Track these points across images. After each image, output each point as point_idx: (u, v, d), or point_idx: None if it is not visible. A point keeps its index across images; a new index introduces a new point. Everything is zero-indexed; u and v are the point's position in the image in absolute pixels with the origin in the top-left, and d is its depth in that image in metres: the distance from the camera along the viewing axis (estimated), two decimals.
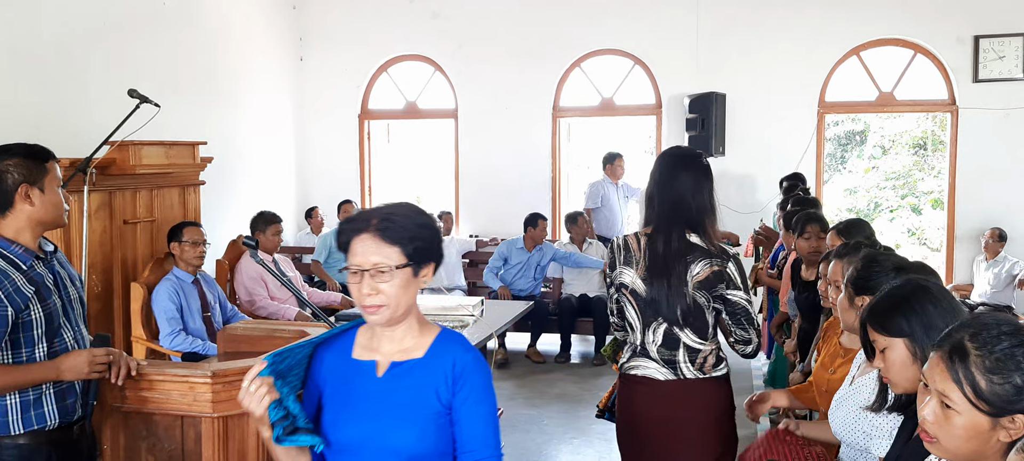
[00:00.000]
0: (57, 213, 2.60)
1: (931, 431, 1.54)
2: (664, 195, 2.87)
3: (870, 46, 8.46)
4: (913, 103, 8.83)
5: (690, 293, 2.80)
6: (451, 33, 9.22)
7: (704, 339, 2.85)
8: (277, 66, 9.32)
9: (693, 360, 2.85)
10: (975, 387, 1.46)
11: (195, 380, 2.80)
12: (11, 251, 2.51)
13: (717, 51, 8.60)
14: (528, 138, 9.13)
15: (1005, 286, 7.58)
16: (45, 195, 2.54)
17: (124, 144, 4.78)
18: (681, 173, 2.88)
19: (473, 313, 5.15)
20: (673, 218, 2.84)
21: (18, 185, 2.50)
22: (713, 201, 2.89)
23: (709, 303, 2.83)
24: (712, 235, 2.85)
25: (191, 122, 7.00)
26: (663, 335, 2.86)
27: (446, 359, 1.93)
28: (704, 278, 2.80)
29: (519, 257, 7.65)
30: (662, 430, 2.88)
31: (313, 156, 9.67)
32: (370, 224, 1.86)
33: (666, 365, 2.86)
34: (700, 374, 2.85)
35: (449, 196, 9.67)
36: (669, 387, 2.85)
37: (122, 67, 6.64)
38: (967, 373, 1.47)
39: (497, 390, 6.25)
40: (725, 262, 2.82)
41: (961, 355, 1.49)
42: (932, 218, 12.42)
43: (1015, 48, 7.99)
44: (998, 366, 1.45)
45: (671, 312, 2.82)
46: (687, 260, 2.81)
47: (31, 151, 2.56)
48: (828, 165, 10.59)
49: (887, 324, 1.97)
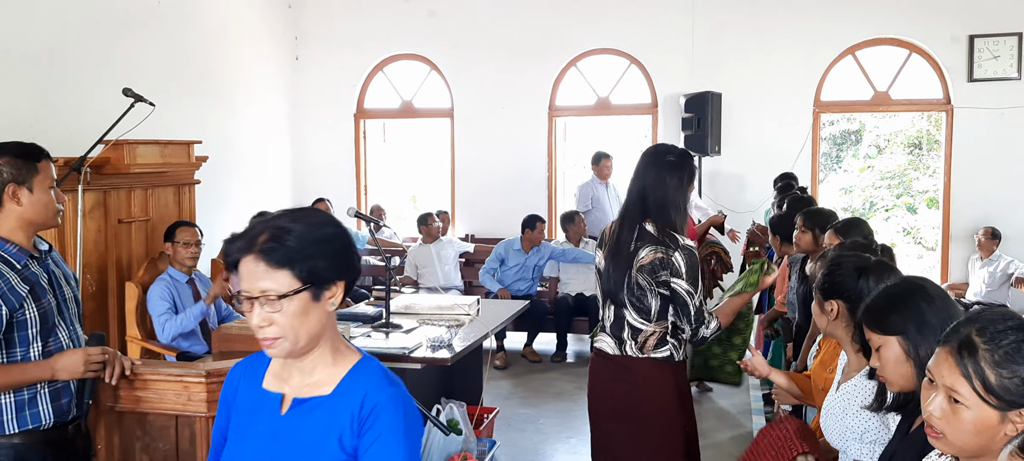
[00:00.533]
0: (47, 214, 2.57)
1: (938, 427, 1.54)
2: (632, 187, 3.14)
3: (865, 46, 8.47)
4: (908, 102, 8.84)
5: (634, 276, 3.02)
6: (447, 32, 9.21)
7: (647, 320, 3.06)
8: (272, 65, 9.30)
9: (635, 338, 3.07)
10: (985, 381, 1.47)
11: (190, 380, 2.79)
12: (5, 250, 2.50)
13: (713, 51, 8.60)
14: (524, 137, 9.12)
15: (1000, 285, 7.60)
16: (34, 195, 2.52)
17: (119, 143, 4.77)
18: (649, 168, 3.12)
19: (469, 312, 5.14)
20: (633, 209, 3.10)
21: (5, 185, 2.49)
22: (678, 195, 3.07)
23: (651, 287, 3.02)
24: (673, 226, 3.03)
25: (186, 121, 6.99)
26: (613, 313, 3.13)
27: (355, 397, 1.64)
28: (647, 262, 3.00)
29: (516, 259, 7.64)
30: (609, 400, 3.16)
31: (308, 155, 9.65)
32: (255, 244, 1.59)
33: (615, 341, 3.12)
34: (640, 353, 3.07)
35: (445, 195, 9.66)
36: (616, 361, 3.12)
37: (117, 66, 6.62)
38: (977, 367, 1.48)
39: (494, 389, 6.20)
40: (670, 251, 2.99)
41: (970, 350, 1.49)
42: (927, 217, 12.44)
43: (1010, 47, 8.00)
44: (1007, 359, 1.46)
45: (617, 292, 3.07)
46: (636, 246, 3.03)
47: (23, 150, 2.54)
48: (823, 165, 10.61)
49: (882, 322, 1.98)
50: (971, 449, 1.53)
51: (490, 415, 5.24)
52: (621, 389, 3.11)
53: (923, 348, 1.90)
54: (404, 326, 4.72)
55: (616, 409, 3.14)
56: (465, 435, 4.64)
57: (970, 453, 1.54)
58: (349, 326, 4.69)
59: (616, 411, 3.14)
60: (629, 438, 3.12)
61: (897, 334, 1.95)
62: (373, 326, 4.73)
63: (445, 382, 5.10)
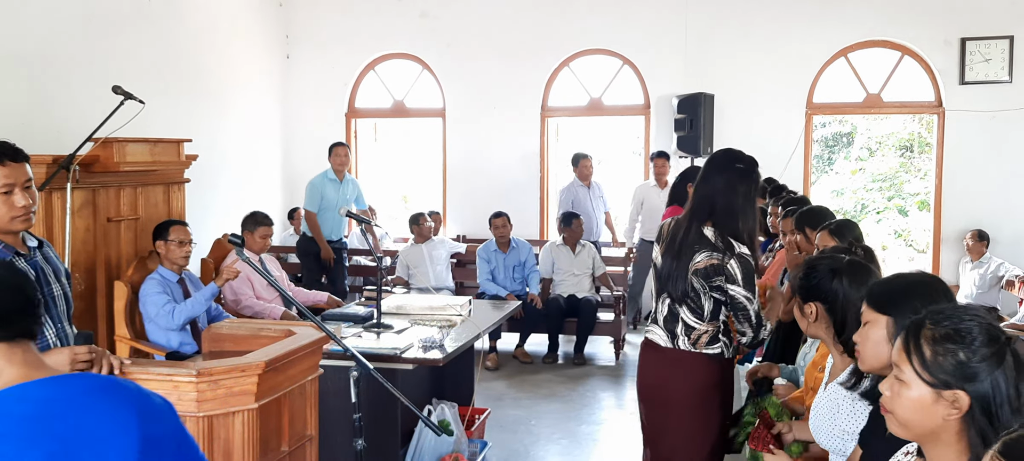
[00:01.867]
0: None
1: (887, 404, 1.61)
2: (698, 190, 3.25)
3: (857, 48, 8.49)
4: (900, 105, 8.86)
5: (689, 278, 3.14)
6: (439, 32, 9.19)
7: (700, 319, 3.18)
8: (263, 64, 9.26)
9: (689, 335, 3.20)
10: (922, 359, 1.53)
11: (180, 379, 2.76)
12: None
13: (705, 52, 8.60)
14: (516, 138, 9.10)
15: (990, 287, 7.62)
16: None
17: (108, 141, 4.73)
18: (718, 174, 3.24)
19: (461, 313, 5.12)
20: (697, 211, 3.20)
21: None
22: (747, 203, 3.18)
23: (706, 290, 3.13)
24: (736, 233, 3.13)
25: (176, 120, 6.94)
26: (667, 308, 3.25)
27: None
28: (702, 267, 3.11)
29: (496, 260, 7.60)
30: (658, 390, 3.31)
31: (299, 155, 9.60)
32: None
33: (668, 334, 3.24)
34: (693, 348, 3.19)
35: (436, 195, 9.63)
36: (667, 353, 3.25)
37: (106, 64, 6.58)
38: (916, 345, 1.54)
39: (485, 390, 6.20)
40: (726, 258, 3.10)
41: (916, 330, 1.56)
42: (918, 220, 12.48)
43: (1001, 50, 8.02)
44: (944, 338, 1.52)
45: (674, 290, 3.19)
46: (694, 249, 3.14)
47: None
48: (815, 167, 10.62)
49: (879, 301, 2.02)
50: (914, 428, 1.58)
51: (481, 416, 5.22)
52: (670, 378, 3.25)
53: None
54: (395, 326, 4.69)
55: (664, 398, 3.29)
56: (456, 436, 4.62)
57: (917, 434, 1.59)
58: (340, 326, 4.67)
59: (663, 399, 3.29)
60: (673, 425, 3.27)
61: (888, 316, 1.98)
62: (364, 326, 4.71)
63: (436, 383, 5.07)
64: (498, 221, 7.63)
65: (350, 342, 4.16)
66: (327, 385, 3.51)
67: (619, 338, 7.48)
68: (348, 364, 2.93)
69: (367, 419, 3.14)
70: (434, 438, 4.47)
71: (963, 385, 1.52)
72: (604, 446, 5.42)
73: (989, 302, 7.56)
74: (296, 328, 3.35)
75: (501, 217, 7.64)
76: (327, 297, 5.90)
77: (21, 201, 2.53)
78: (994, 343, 1.52)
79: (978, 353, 1.52)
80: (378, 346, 4.24)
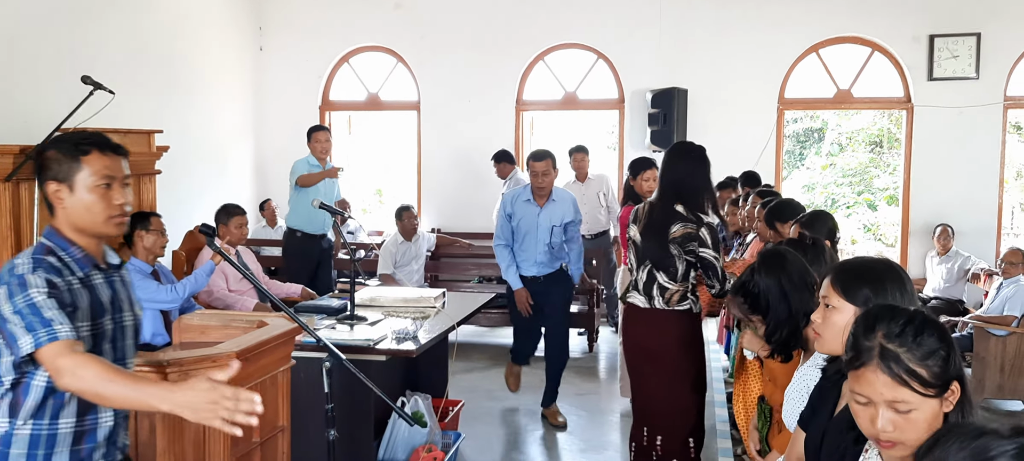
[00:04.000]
0: (90, 219, 2.18)
1: (892, 439, 1.61)
2: (665, 177, 3.99)
3: (829, 44, 8.58)
4: (870, 100, 8.97)
5: (668, 245, 3.86)
6: (413, 24, 9.16)
7: (673, 280, 3.91)
8: (236, 55, 9.18)
9: (663, 295, 3.93)
10: (921, 379, 1.57)
11: (148, 371, 2.74)
12: (69, 252, 2.18)
13: (679, 46, 8.65)
14: (491, 131, 9.10)
15: (957, 281, 7.74)
16: (74, 196, 2.17)
17: (77, 131, 4.66)
18: (677, 162, 3.98)
19: (434, 305, 5.12)
20: (666, 193, 3.94)
21: (46, 181, 2.18)
22: (706, 182, 3.96)
23: (680, 255, 3.87)
24: (702, 206, 3.88)
25: (147, 111, 6.87)
26: (647, 274, 3.96)
27: None
28: (678, 236, 3.85)
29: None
30: (641, 346, 4.02)
31: (272, 147, 9.54)
32: None
33: (646, 297, 3.97)
34: (667, 306, 3.93)
35: (411, 189, 9.61)
36: (646, 313, 3.98)
37: (75, 53, 6.49)
38: (908, 370, 1.57)
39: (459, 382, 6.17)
40: (698, 227, 3.85)
41: (893, 359, 1.58)
42: (887, 214, 12.66)
43: (968, 47, 8.15)
44: (926, 352, 1.58)
45: (655, 257, 3.92)
46: (671, 222, 3.86)
47: (70, 140, 2.21)
48: (787, 162, 10.73)
49: (848, 288, 2.01)
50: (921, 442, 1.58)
51: (455, 408, 5.23)
52: (650, 334, 3.97)
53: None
54: (369, 318, 4.69)
55: (645, 350, 3.99)
56: (430, 427, 4.63)
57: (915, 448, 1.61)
58: (313, 318, 4.65)
59: (645, 352, 3.99)
60: (655, 372, 3.97)
61: (858, 306, 1.97)
62: (338, 318, 4.69)
63: (410, 375, 5.07)
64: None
65: (323, 334, 4.15)
66: (300, 376, 3.50)
67: (592, 330, 7.52)
68: (321, 355, 2.93)
69: (340, 410, 3.14)
70: (408, 429, 4.48)
71: (955, 375, 1.60)
72: (578, 436, 5.45)
73: (955, 295, 7.69)
74: (268, 319, 3.34)
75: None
76: (301, 289, 5.87)
77: (120, 198, 2.20)
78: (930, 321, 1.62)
79: (944, 336, 1.60)
80: (351, 338, 4.23)
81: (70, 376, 1.98)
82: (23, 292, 2.04)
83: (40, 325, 2.00)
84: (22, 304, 2.03)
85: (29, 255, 2.14)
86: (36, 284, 2.06)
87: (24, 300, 2.03)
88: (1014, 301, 6.36)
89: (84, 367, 1.98)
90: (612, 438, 5.44)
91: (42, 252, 2.15)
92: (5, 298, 2.06)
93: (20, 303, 2.03)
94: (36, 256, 2.13)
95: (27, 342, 2.00)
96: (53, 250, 2.16)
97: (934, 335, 1.59)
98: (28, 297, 2.03)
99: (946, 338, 1.60)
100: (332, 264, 7.63)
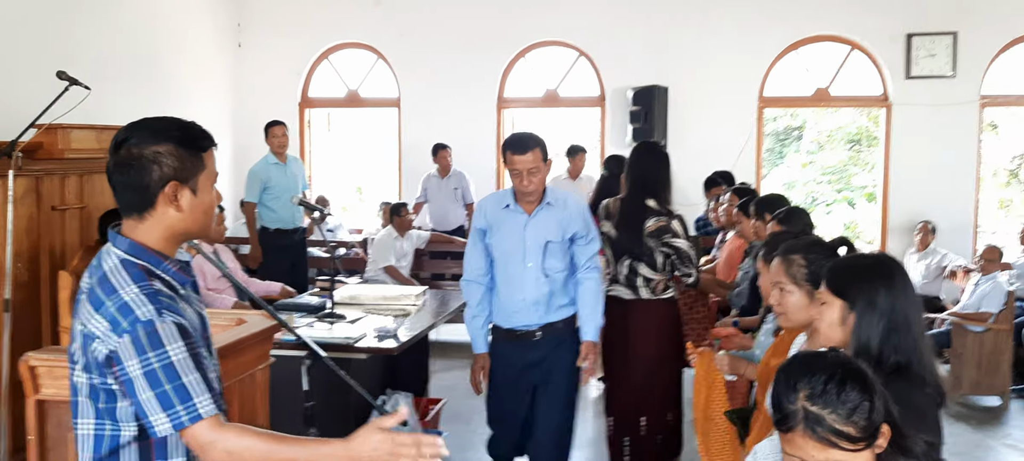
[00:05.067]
0: (206, 222, 1.90)
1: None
2: (632, 173, 4.19)
3: (808, 42, 8.62)
4: (848, 99, 9.04)
5: (645, 239, 4.06)
6: (394, 21, 9.12)
7: (656, 271, 4.11)
8: (214, 52, 9.10)
9: (648, 285, 4.12)
10: (849, 437, 1.58)
11: None
12: (164, 270, 1.84)
13: (660, 44, 8.67)
14: (472, 129, 9.07)
15: (935, 277, 7.81)
16: (197, 199, 1.86)
17: (52, 127, 4.61)
18: (645, 159, 4.20)
19: (416, 302, 5.10)
20: (636, 189, 4.14)
21: (166, 181, 1.82)
22: (668, 178, 4.19)
23: (658, 246, 4.08)
24: (669, 200, 4.13)
25: (124, 107, 6.70)
26: (628, 268, 4.12)
27: None
28: (653, 230, 4.07)
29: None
30: (628, 335, 4.14)
31: (251, 145, 9.41)
32: None
33: (630, 288, 4.14)
34: (653, 296, 4.14)
35: (392, 186, 9.57)
36: (632, 304, 4.14)
37: (51, 48, 6.40)
38: (835, 432, 1.58)
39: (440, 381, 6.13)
40: (670, 219, 4.09)
41: (818, 422, 1.59)
42: (866, 212, 12.75)
43: (945, 46, 8.22)
44: (849, 411, 1.58)
45: (632, 251, 4.09)
46: (644, 217, 4.07)
47: (188, 134, 1.87)
48: (767, 159, 10.79)
49: (837, 285, 2.04)
50: None
51: (436, 406, 5.21)
52: (638, 322, 4.12)
53: (862, 329, 1.96)
54: (349, 316, 4.66)
55: (633, 339, 4.13)
56: (411, 426, 4.60)
57: None
58: (292, 316, 4.62)
59: (633, 340, 4.13)
60: (640, 357, 4.12)
61: (845, 302, 2.01)
62: (317, 316, 4.66)
63: (391, 373, 5.05)
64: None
65: (302, 332, 4.12)
66: (279, 374, 3.47)
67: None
68: (300, 353, 2.90)
69: (320, 408, 3.10)
70: None
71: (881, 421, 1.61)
72: None
73: (933, 292, 7.75)
74: (247, 316, 3.31)
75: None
76: (281, 288, 5.82)
77: (216, 201, 1.95)
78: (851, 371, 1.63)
79: (866, 385, 1.60)
80: (331, 335, 4.20)
81: (223, 455, 1.73)
82: (158, 349, 1.70)
83: (178, 400, 1.70)
84: (156, 363, 1.70)
85: (134, 287, 1.75)
86: (169, 335, 1.72)
87: (159, 358, 1.70)
88: (991, 298, 6.42)
89: (236, 439, 1.74)
90: (583, 429, 5.42)
91: (144, 278, 1.78)
92: (132, 352, 1.71)
93: (154, 362, 1.70)
94: (145, 290, 1.75)
95: (164, 424, 1.71)
96: (151, 271, 1.81)
97: (856, 387, 1.59)
98: (163, 355, 1.70)
99: (868, 386, 1.60)
100: (307, 261, 7.62)
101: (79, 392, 1.82)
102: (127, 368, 1.71)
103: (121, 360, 1.71)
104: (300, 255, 7.39)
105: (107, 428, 1.80)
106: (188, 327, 1.77)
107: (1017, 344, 6.67)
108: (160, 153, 1.81)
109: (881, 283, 1.99)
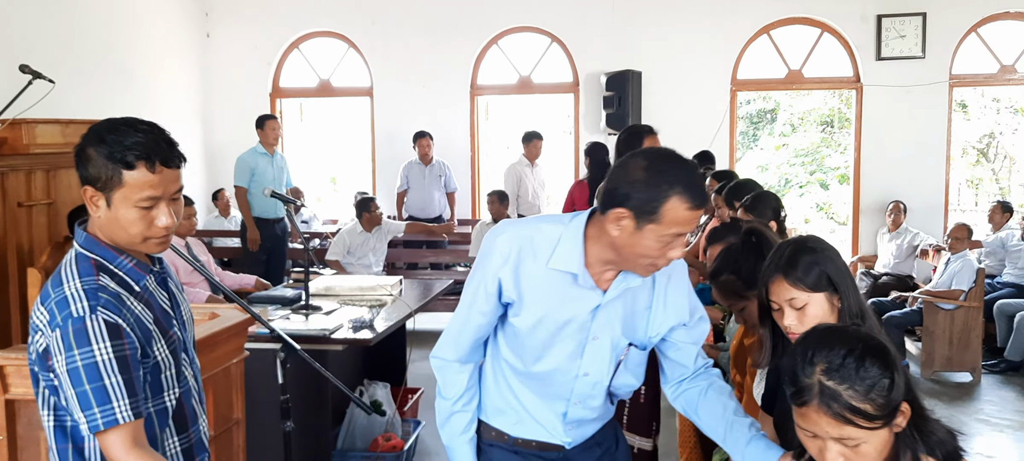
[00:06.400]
0: (124, 238, 1.83)
1: None
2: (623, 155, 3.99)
3: (780, 25, 8.65)
4: (820, 80, 9.08)
5: None
6: (364, 8, 9.03)
7: None
8: (182, 42, 8.97)
9: None
10: (866, 415, 1.52)
11: None
12: (118, 264, 1.83)
13: (633, 29, 8.66)
14: (446, 116, 9.03)
15: (906, 257, 7.89)
16: (111, 212, 1.80)
17: (16, 122, 4.51)
18: (636, 142, 3.84)
19: (391, 292, 5.07)
20: None
21: (85, 182, 1.81)
22: None
23: None
24: None
25: (90, 100, 6.67)
26: None
27: None
28: None
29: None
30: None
31: (221, 137, 9.35)
32: None
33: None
34: None
35: (365, 176, 9.50)
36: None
37: (13, 41, 6.28)
38: (851, 408, 1.52)
39: (419, 370, 6.10)
40: None
41: (833, 397, 1.53)
42: (839, 193, 12.87)
43: (915, 27, 8.28)
44: (868, 387, 1.52)
45: None
46: None
47: (119, 147, 1.78)
48: (740, 142, 10.84)
49: (808, 279, 1.93)
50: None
51: (415, 395, 5.20)
52: None
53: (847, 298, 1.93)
54: (324, 308, 4.62)
55: None
56: (389, 416, 4.59)
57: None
58: (267, 309, 4.57)
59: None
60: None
61: (824, 290, 1.93)
62: (292, 308, 4.62)
63: (368, 363, 5.02)
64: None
65: (277, 324, 4.08)
66: (254, 368, 3.43)
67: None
68: (275, 346, 2.87)
69: (297, 401, 3.08)
70: (366, 418, 4.44)
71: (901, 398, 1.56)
72: None
73: (905, 270, 7.84)
74: (220, 310, 3.26)
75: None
76: (255, 280, 5.77)
77: (163, 221, 1.83)
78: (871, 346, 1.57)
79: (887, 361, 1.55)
80: (306, 328, 4.17)
81: None
82: (83, 346, 1.69)
83: (96, 402, 1.68)
84: (79, 362, 1.69)
85: (78, 282, 1.76)
86: (97, 334, 1.70)
87: (83, 356, 1.69)
88: (961, 276, 6.50)
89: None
90: None
91: (91, 273, 1.78)
92: (60, 348, 1.71)
93: (78, 360, 1.69)
94: (87, 285, 1.76)
95: (84, 425, 1.71)
96: (102, 264, 1.81)
97: (876, 363, 1.52)
98: (88, 354, 1.69)
99: (889, 362, 1.54)
100: (286, 252, 7.56)
101: (38, 383, 1.82)
102: (56, 363, 1.72)
103: (53, 354, 1.73)
104: (278, 246, 7.37)
105: (68, 419, 1.80)
106: (123, 327, 1.74)
107: (987, 320, 6.77)
108: (89, 156, 1.79)
109: (828, 254, 1.97)
